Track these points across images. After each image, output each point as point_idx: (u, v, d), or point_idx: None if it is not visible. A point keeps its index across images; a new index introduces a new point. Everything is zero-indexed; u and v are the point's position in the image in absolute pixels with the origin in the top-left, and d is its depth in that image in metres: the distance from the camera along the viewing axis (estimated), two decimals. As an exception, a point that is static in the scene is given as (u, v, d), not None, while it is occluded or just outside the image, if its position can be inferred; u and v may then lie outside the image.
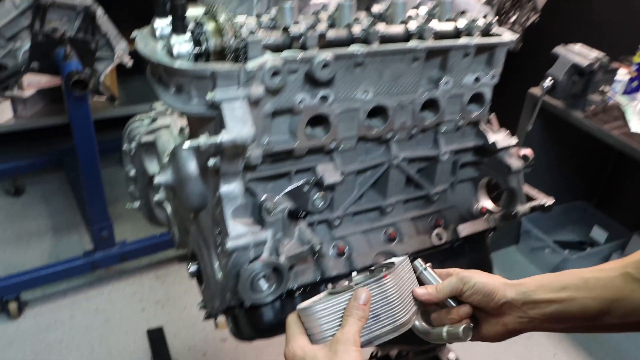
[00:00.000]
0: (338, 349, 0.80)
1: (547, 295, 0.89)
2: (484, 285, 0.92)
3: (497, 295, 0.91)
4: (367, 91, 1.11)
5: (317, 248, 1.08)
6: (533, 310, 0.90)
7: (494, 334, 0.94)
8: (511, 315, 0.91)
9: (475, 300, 0.92)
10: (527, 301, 0.90)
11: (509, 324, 0.92)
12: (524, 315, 0.90)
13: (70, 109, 2.12)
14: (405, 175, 1.28)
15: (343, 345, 0.80)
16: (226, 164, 0.99)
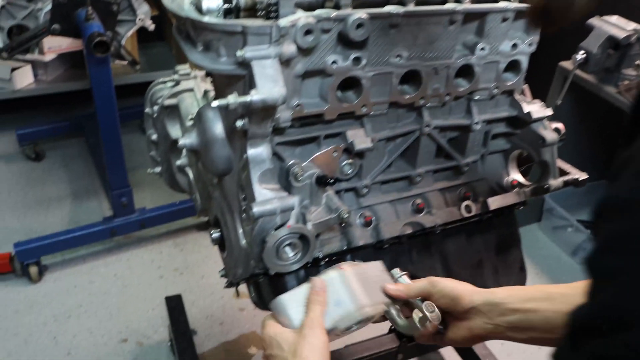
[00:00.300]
0: (305, 332, 0.87)
1: (513, 304, 0.92)
2: (452, 290, 0.96)
3: (464, 300, 0.94)
4: (400, 55, 1.06)
5: (345, 216, 1.05)
6: (498, 317, 0.93)
7: (460, 338, 0.97)
8: (477, 320, 0.94)
9: (444, 304, 0.96)
10: (493, 308, 0.93)
11: (475, 328, 0.95)
12: (489, 322, 0.93)
13: (91, 72, 2.09)
14: (436, 144, 1.24)
15: (309, 328, 0.87)
16: (254, 126, 0.95)
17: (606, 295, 0.43)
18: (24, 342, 2.11)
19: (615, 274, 0.43)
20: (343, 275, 0.96)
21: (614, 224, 0.44)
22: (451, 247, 1.33)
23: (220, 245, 1.24)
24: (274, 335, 0.90)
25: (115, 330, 2.17)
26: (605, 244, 0.45)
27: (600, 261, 0.45)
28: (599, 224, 0.46)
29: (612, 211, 0.45)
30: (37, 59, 2.88)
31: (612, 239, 0.45)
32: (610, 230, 0.45)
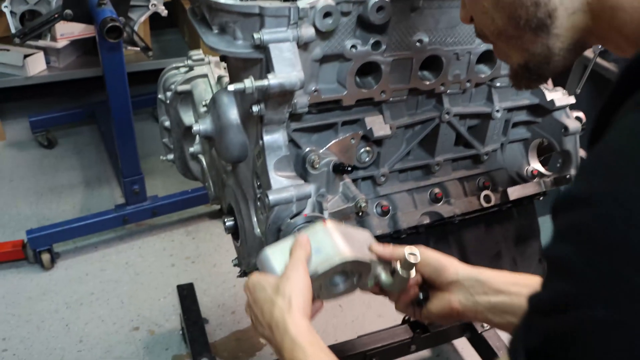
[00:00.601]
0: (288, 273, 0.86)
1: (498, 285, 0.91)
2: (437, 260, 0.95)
3: (449, 271, 0.93)
4: (421, 39, 1.03)
5: (363, 205, 1.02)
6: (480, 296, 0.92)
7: (438, 310, 0.96)
8: (458, 294, 0.93)
9: (427, 272, 0.95)
10: (477, 286, 0.92)
11: (454, 302, 0.93)
12: (470, 299, 0.92)
13: (103, 58, 2.07)
14: (455, 132, 1.21)
15: (292, 269, 0.86)
16: (271, 112, 0.93)
17: (556, 282, 0.48)
18: (37, 329, 2.11)
19: (563, 262, 0.47)
20: (326, 228, 0.94)
21: (565, 218, 0.48)
22: (469, 238, 1.30)
23: (234, 234, 1.22)
24: (257, 281, 0.90)
25: (127, 319, 2.17)
26: (557, 235, 0.49)
27: (552, 250, 0.49)
28: (554, 218, 0.50)
29: (564, 206, 0.49)
30: (49, 46, 2.86)
31: (561, 231, 0.49)
32: (561, 223, 0.49)
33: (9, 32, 2.21)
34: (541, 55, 0.71)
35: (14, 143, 3.12)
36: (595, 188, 0.46)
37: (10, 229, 2.54)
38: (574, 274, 0.45)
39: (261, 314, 0.88)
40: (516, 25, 0.69)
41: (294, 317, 0.81)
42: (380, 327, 1.98)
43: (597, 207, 0.45)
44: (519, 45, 0.72)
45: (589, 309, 0.44)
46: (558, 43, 0.69)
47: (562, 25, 0.67)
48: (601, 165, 0.48)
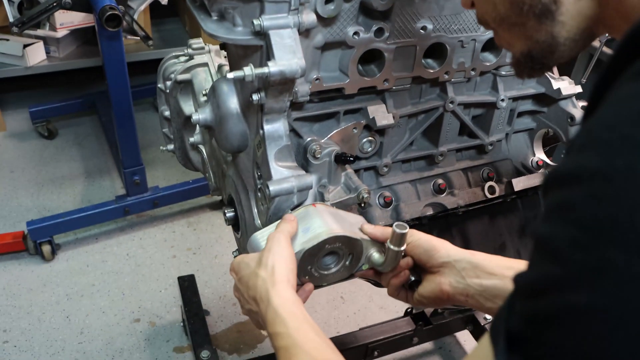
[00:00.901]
0: (269, 244, 0.85)
1: (492, 268, 0.88)
2: (428, 241, 0.92)
3: (440, 252, 0.91)
4: (425, 26, 1.01)
5: (365, 196, 1.00)
6: (472, 278, 0.89)
7: (428, 292, 0.93)
8: (449, 276, 0.91)
9: (417, 254, 0.93)
10: (469, 268, 0.89)
11: (444, 284, 0.91)
12: (462, 281, 0.89)
13: (103, 47, 2.05)
14: (460, 121, 1.19)
15: (274, 241, 0.85)
16: (271, 100, 0.91)
17: (541, 262, 0.45)
18: (37, 321, 2.10)
19: (549, 242, 0.45)
20: (315, 208, 0.93)
21: (554, 196, 0.46)
22: (473, 229, 1.28)
23: (234, 225, 1.20)
24: (240, 260, 0.90)
25: (128, 310, 2.16)
26: (545, 214, 0.47)
27: (539, 229, 0.47)
28: (544, 195, 0.48)
29: (553, 183, 0.47)
30: (49, 35, 2.84)
31: (549, 210, 0.46)
32: (550, 202, 0.47)
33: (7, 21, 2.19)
34: (545, 43, 0.68)
35: (14, 134, 3.11)
36: (585, 164, 0.44)
37: (10, 220, 2.53)
38: (559, 255, 0.43)
39: (246, 289, 0.87)
40: (519, 12, 0.66)
41: (277, 288, 0.80)
42: (382, 319, 1.97)
43: (586, 184, 0.43)
44: (522, 33, 0.69)
45: (572, 293, 0.42)
46: (563, 32, 0.66)
47: (567, 12, 0.64)
48: (592, 140, 0.45)
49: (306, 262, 0.90)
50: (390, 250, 0.89)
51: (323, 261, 0.92)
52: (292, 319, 0.76)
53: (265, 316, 0.79)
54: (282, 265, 0.83)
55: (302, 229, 0.90)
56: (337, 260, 0.93)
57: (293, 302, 0.79)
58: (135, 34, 2.19)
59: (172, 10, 3.33)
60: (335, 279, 0.95)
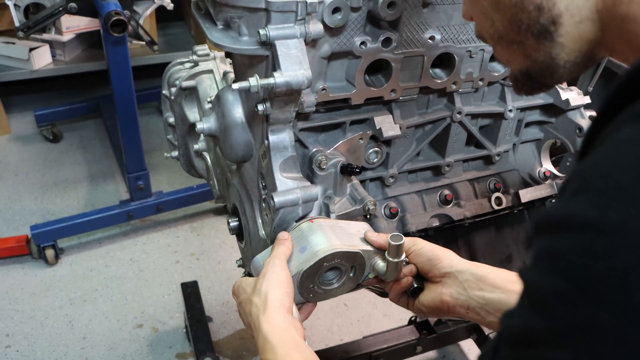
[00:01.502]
0: (264, 270, 0.86)
1: (495, 281, 0.86)
2: (431, 250, 0.91)
3: (443, 262, 0.89)
4: (433, 36, 1.00)
5: (371, 207, 0.99)
6: (474, 291, 0.87)
7: (429, 302, 0.92)
8: (451, 287, 0.89)
9: (421, 263, 0.92)
10: (472, 280, 0.87)
11: (445, 294, 0.89)
12: (464, 293, 0.88)
13: (108, 52, 2.04)
14: (467, 132, 1.17)
15: (268, 265, 0.86)
16: (277, 111, 0.90)
17: (527, 310, 0.44)
18: (40, 325, 2.10)
19: (536, 291, 0.44)
20: (311, 225, 0.92)
21: (543, 240, 0.45)
22: (479, 241, 1.27)
23: (238, 235, 1.19)
24: (239, 284, 0.91)
25: (131, 316, 2.15)
26: (534, 258, 0.46)
27: (527, 274, 0.46)
28: (535, 236, 0.47)
29: (544, 227, 0.45)
30: (55, 39, 2.84)
31: (538, 255, 0.45)
32: (539, 246, 0.45)
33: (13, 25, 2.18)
34: (544, 63, 0.65)
35: (19, 137, 3.11)
36: (577, 213, 0.42)
37: (14, 224, 2.53)
38: (545, 307, 0.42)
39: (244, 315, 0.87)
40: (517, 30, 0.64)
41: (267, 314, 0.79)
42: (385, 326, 1.95)
43: (577, 235, 0.41)
44: (521, 52, 0.66)
45: (556, 350, 0.40)
46: (563, 54, 0.63)
47: (567, 34, 0.61)
48: (586, 186, 0.43)
49: (307, 281, 0.88)
50: (389, 261, 0.88)
51: (325, 277, 0.91)
52: (280, 346, 0.75)
53: (257, 343, 0.79)
54: (276, 290, 0.82)
55: (300, 248, 0.89)
56: (340, 274, 0.91)
57: (284, 329, 0.78)
58: (140, 38, 2.18)
59: (177, 14, 3.33)
60: (341, 292, 0.94)
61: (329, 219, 0.96)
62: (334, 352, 1.83)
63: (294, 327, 0.79)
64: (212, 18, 0.91)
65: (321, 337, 2.07)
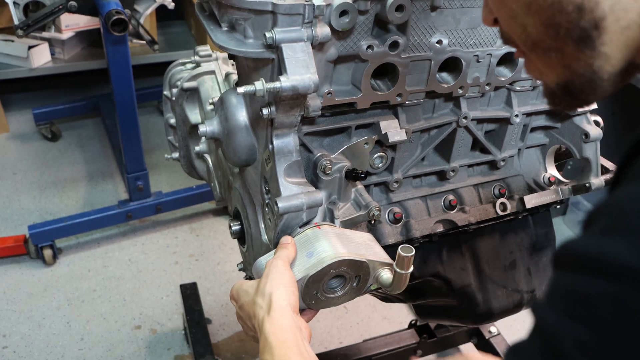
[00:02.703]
0: (267, 271, 0.84)
1: None
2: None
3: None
4: (441, 40, 0.98)
5: (376, 213, 0.98)
6: None
7: None
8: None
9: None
10: None
11: None
12: None
13: (108, 51, 2.03)
14: (472, 137, 1.16)
15: (272, 267, 0.84)
16: (282, 115, 0.88)
17: (536, 349, 0.41)
18: (37, 326, 2.08)
19: (550, 332, 0.40)
20: (318, 231, 0.91)
21: (566, 277, 0.40)
22: (483, 247, 1.26)
23: (240, 239, 1.17)
24: (239, 287, 0.90)
25: (129, 317, 2.13)
26: (552, 292, 0.42)
27: (542, 310, 0.42)
28: (555, 267, 0.43)
29: (568, 261, 0.41)
30: (54, 37, 2.82)
31: (557, 291, 0.41)
32: (560, 281, 0.41)
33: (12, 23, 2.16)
34: (584, 77, 0.57)
35: (18, 135, 3.09)
36: (611, 255, 0.37)
37: (12, 224, 2.51)
38: (560, 355, 0.38)
39: (248, 318, 0.86)
40: (555, 35, 0.56)
41: (271, 315, 0.78)
42: (385, 329, 1.94)
43: (609, 282, 0.36)
44: (559, 61, 0.58)
45: None
46: (607, 66, 0.55)
47: (612, 42, 0.53)
48: (623, 225, 0.38)
49: (311, 287, 0.87)
50: (396, 273, 0.87)
51: (329, 284, 0.90)
52: (280, 347, 0.74)
53: (259, 343, 0.78)
54: (281, 289, 0.81)
55: (306, 253, 0.88)
56: (344, 283, 0.90)
57: (286, 330, 0.76)
58: (141, 37, 2.16)
59: (178, 14, 3.31)
60: (342, 301, 0.92)
61: (334, 226, 0.95)
62: (333, 355, 1.82)
63: (298, 328, 0.77)
64: (216, 20, 0.90)
65: (321, 340, 2.06)
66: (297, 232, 0.93)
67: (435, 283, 1.23)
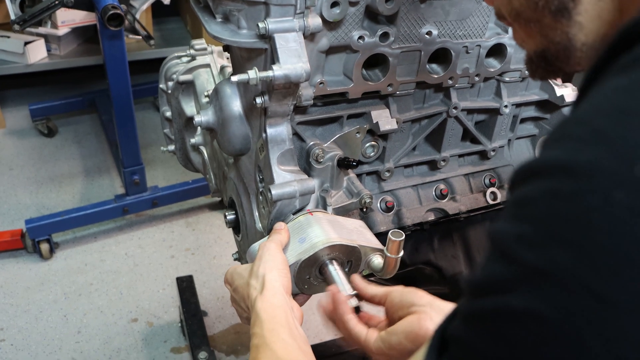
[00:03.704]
0: (260, 253, 0.87)
1: None
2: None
3: None
4: (430, 31, 1.00)
5: (368, 201, 1.00)
6: None
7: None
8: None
9: None
10: None
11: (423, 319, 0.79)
12: None
13: (104, 46, 2.04)
14: (463, 127, 1.18)
15: (264, 249, 0.86)
16: (275, 104, 0.90)
17: (489, 262, 0.42)
18: (35, 319, 2.09)
19: (498, 239, 0.41)
20: (311, 217, 0.94)
21: (515, 192, 0.42)
22: (474, 235, 1.28)
23: (235, 228, 1.20)
24: (233, 271, 0.92)
25: (126, 310, 2.15)
26: (503, 212, 0.43)
27: (494, 226, 0.43)
28: (509, 194, 0.45)
29: (517, 179, 0.43)
30: (50, 33, 2.83)
31: (507, 206, 0.43)
32: (509, 200, 0.43)
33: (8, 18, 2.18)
34: (560, 44, 0.61)
35: (14, 131, 3.10)
36: (549, 159, 0.40)
37: (9, 218, 2.52)
38: (506, 253, 0.40)
39: (242, 300, 0.87)
40: (534, 7, 0.60)
41: (264, 294, 0.80)
42: (381, 322, 1.95)
43: (545, 179, 0.39)
44: (538, 31, 0.63)
45: (512, 295, 0.38)
46: (581, 35, 0.59)
47: (586, 12, 0.58)
48: (563, 135, 0.41)
49: (304, 272, 0.89)
50: (387, 257, 0.89)
51: None
52: (269, 321, 0.76)
53: (251, 319, 0.80)
54: (274, 272, 0.83)
55: (299, 238, 0.91)
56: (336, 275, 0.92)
57: (277, 307, 0.78)
58: (137, 33, 2.18)
59: (174, 10, 3.33)
60: None
61: (327, 213, 0.97)
62: (328, 346, 1.84)
63: (290, 308, 0.79)
64: (211, 11, 0.91)
65: (316, 332, 2.08)
66: (290, 218, 0.95)
67: (427, 271, 1.25)
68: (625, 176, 0.35)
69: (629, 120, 0.37)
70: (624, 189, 0.35)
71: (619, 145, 0.36)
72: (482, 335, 0.40)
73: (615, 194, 0.35)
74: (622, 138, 0.37)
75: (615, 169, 0.36)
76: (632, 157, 0.36)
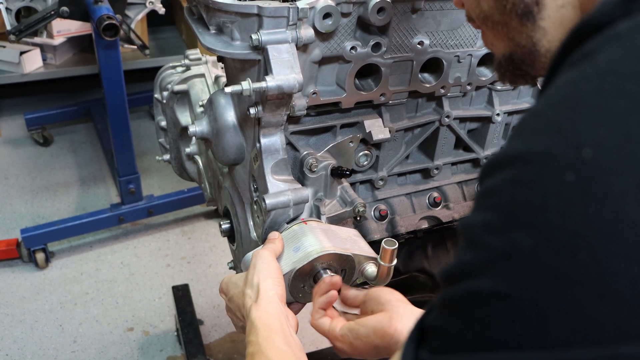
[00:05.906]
0: (254, 261, 0.87)
1: None
2: None
3: None
4: (422, 41, 1.01)
5: (361, 209, 1.01)
6: None
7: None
8: None
9: None
10: None
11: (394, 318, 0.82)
12: None
13: (100, 56, 2.05)
14: (455, 136, 1.19)
15: (258, 257, 0.87)
16: (268, 114, 0.91)
17: (460, 252, 0.44)
18: (30, 329, 2.09)
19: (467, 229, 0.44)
20: (305, 226, 0.94)
21: (481, 185, 0.45)
22: (468, 243, 1.29)
23: (230, 237, 1.20)
24: (228, 280, 0.93)
25: (121, 319, 2.15)
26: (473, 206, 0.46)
27: (464, 219, 0.46)
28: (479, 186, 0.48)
29: (484, 175, 0.45)
30: (46, 43, 2.84)
31: (474, 200, 0.46)
32: (477, 193, 0.47)
33: (4, 28, 2.19)
34: (526, 48, 0.63)
35: (9, 140, 3.10)
36: (509, 151, 0.43)
37: (4, 227, 2.52)
38: (474, 241, 0.42)
39: (237, 309, 0.88)
40: (502, 10, 0.62)
41: (259, 303, 0.81)
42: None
43: (507, 170, 0.42)
44: (505, 34, 0.64)
45: (480, 279, 0.40)
46: (544, 41, 0.61)
47: (549, 18, 0.59)
48: (521, 128, 0.44)
49: (298, 280, 0.90)
50: (380, 266, 0.90)
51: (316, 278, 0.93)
52: (264, 329, 0.77)
53: (246, 328, 0.81)
54: (268, 281, 0.84)
55: (293, 247, 0.91)
56: None
57: (272, 315, 0.79)
58: (132, 43, 2.19)
59: (168, 19, 3.34)
60: None
61: (321, 222, 0.98)
62: (324, 354, 1.84)
63: (285, 316, 0.80)
64: (204, 23, 0.92)
65: (312, 339, 2.08)
66: (284, 227, 0.96)
67: (421, 278, 1.26)
68: (575, 160, 0.38)
69: (576, 109, 0.40)
70: (574, 171, 0.38)
71: (568, 132, 0.39)
72: (456, 320, 0.43)
73: (567, 176, 0.38)
74: (570, 126, 0.40)
75: (565, 154, 0.38)
76: (580, 142, 0.38)
